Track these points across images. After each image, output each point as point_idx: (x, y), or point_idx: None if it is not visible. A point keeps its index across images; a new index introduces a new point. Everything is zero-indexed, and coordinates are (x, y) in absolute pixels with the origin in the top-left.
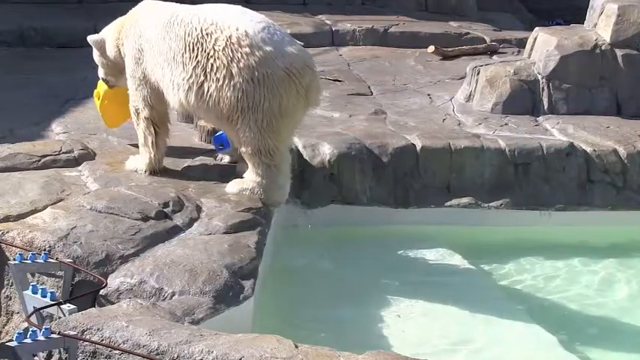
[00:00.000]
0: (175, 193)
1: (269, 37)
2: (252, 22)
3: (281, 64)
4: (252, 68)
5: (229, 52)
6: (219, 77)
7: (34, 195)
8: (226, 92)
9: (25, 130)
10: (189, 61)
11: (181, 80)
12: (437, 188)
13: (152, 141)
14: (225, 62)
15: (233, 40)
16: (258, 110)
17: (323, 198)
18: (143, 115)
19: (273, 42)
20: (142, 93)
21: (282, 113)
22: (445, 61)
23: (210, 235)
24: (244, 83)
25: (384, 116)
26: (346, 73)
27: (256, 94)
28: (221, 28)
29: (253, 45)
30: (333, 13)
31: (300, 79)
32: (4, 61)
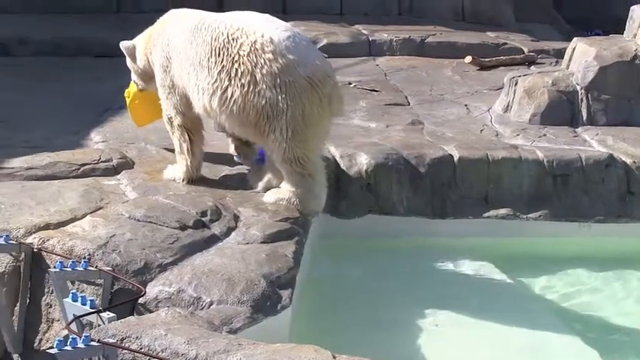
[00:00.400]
0: (213, 202)
1: (293, 45)
2: (277, 29)
3: (303, 73)
4: (274, 75)
5: (253, 58)
6: (244, 83)
7: (74, 203)
8: (250, 98)
9: (65, 139)
10: (215, 65)
11: (206, 85)
12: (474, 199)
13: (187, 148)
14: (249, 68)
15: (257, 45)
16: (281, 118)
17: (360, 208)
18: (176, 123)
19: (296, 50)
20: (172, 101)
21: (307, 122)
22: (482, 71)
23: (247, 245)
24: (267, 90)
25: (421, 127)
26: (383, 84)
27: (279, 101)
28: (247, 33)
29: (277, 52)
30: (370, 23)
31: (322, 89)
32: (42, 71)
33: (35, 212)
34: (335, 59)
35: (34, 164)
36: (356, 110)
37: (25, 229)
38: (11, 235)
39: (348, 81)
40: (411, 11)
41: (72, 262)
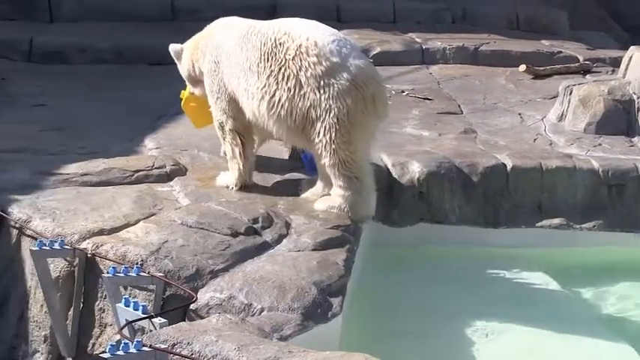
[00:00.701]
0: (265, 210)
1: (337, 49)
2: (323, 34)
3: (346, 75)
4: (318, 78)
5: (298, 61)
6: (290, 86)
7: (127, 209)
8: (296, 101)
9: (120, 145)
10: (264, 70)
11: (255, 89)
12: (527, 208)
13: (239, 152)
14: (294, 71)
15: (302, 49)
16: (325, 120)
17: (412, 216)
18: (227, 128)
19: (340, 54)
20: (221, 105)
21: (351, 123)
22: (537, 80)
23: (299, 252)
24: (311, 92)
25: (474, 135)
26: (436, 92)
27: (322, 103)
28: (292, 37)
29: (320, 55)
30: (423, 32)
31: (365, 90)
32: (100, 79)
33: (89, 218)
34: (388, 67)
35: (89, 170)
36: (408, 118)
37: (79, 235)
38: (66, 240)
39: (401, 89)
40: (464, 19)
41: (125, 268)
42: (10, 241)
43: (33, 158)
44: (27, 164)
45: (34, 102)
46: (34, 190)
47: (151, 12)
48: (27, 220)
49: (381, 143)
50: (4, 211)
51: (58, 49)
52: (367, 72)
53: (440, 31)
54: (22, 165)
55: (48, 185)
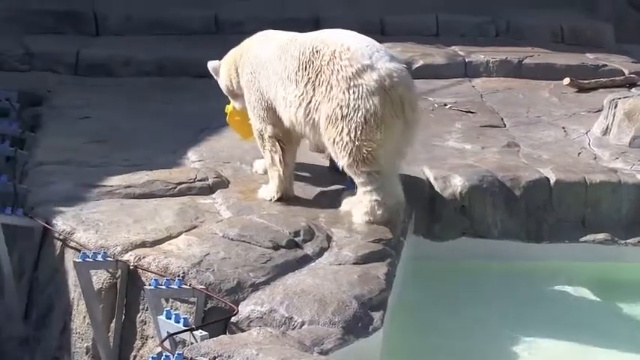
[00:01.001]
0: (306, 222)
1: (369, 53)
2: (357, 40)
3: (374, 76)
4: (347, 79)
5: (332, 65)
6: (323, 90)
7: (170, 222)
8: (326, 103)
9: (163, 157)
10: (302, 78)
11: (293, 97)
12: (571, 223)
13: (279, 158)
14: (327, 76)
15: (336, 54)
16: (352, 120)
17: (454, 230)
18: (267, 135)
19: (371, 57)
20: (259, 114)
21: (377, 123)
22: (581, 93)
23: (340, 266)
24: (340, 93)
25: (517, 149)
26: (479, 105)
27: (351, 103)
28: (328, 44)
29: (352, 58)
30: (467, 45)
31: (392, 92)
32: (144, 91)
33: (132, 230)
34: (430, 80)
35: (132, 182)
36: (451, 132)
37: (122, 247)
38: (109, 252)
39: (444, 102)
40: (508, 32)
41: (166, 280)
42: (54, 253)
43: (77, 170)
44: (71, 176)
45: (79, 114)
46: (77, 202)
47: (194, 25)
48: (71, 232)
49: (424, 156)
50: (48, 222)
51: (103, 62)
52: (397, 75)
53: (483, 44)
54: (66, 177)
55: (92, 197)
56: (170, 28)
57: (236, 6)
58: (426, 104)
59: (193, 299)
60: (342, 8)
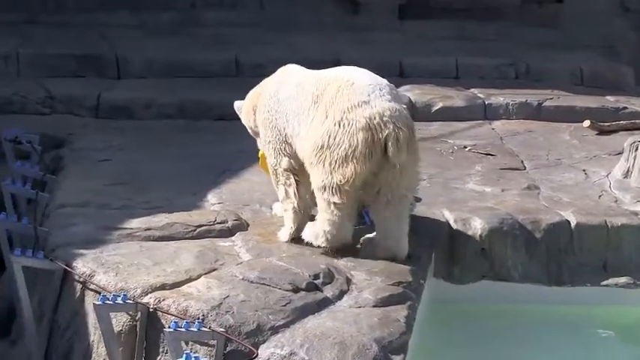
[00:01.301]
0: (326, 265)
1: (369, 90)
2: (363, 77)
3: (366, 114)
4: (341, 112)
5: (334, 99)
6: (322, 120)
7: (189, 264)
8: (318, 129)
9: (183, 200)
10: (313, 112)
11: (305, 133)
12: (592, 266)
13: (294, 191)
14: (328, 107)
15: (340, 88)
16: (334, 152)
17: (474, 273)
18: (282, 169)
19: (370, 94)
20: (275, 147)
21: (356, 159)
22: (601, 136)
23: (360, 308)
24: (331, 124)
25: (538, 191)
26: (499, 147)
27: (337, 136)
28: (337, 79)
29: (351, 93)
30: (486, 87)
31: (378, 132)
32: (165, 134)
33: (152, 272)
34: (450, 123)
35: (152, 225)
36: (471, 174)
37: (141, 289)
38: (128, 294)
39: (464, 145)
40: (527, 75)
41: (186, 323)
42: (74, 295)
43: (97, 212)
44: (92, 218)
45: (100, 157)
46: (98, 245)
47: (215, 68)
48: (91, 275)
49: (443, 199)
50: (68, 265)
51: (125, 105)
52: (388, 115)
53: (503, 86)
54: (86, 219)
55: (112, 240)
56: (191, 70)
57: (256, 49)
58: (446, 146)
59: (213, 342)
60: (361, 50)
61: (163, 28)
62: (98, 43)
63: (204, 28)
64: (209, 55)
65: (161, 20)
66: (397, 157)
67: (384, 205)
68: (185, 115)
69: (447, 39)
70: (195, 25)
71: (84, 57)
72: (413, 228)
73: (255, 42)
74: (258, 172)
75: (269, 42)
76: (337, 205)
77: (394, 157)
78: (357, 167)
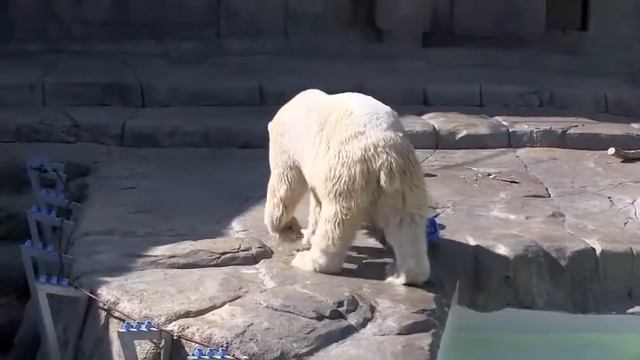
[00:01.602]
0: (350, 293)
1: (366, 120)
2: (363, 106)
3: (361, 145)
4: (340, 143)
5: (335, 128)
6: (325, 151)
7: (213, 291)
8: (322, 162)
9: (207, 227)
10: (319, 139)
11: (311, 158)
12: (618, 294)
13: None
14: (330, 137)
15: (340, 118)
16: (336, 185)
17: (498, 301)
18: (279, 195)
19: (366, 125)
20: (280, 171)
21: (355, 191)
22: (626, 163)
23: (383, 336)
24: (332, 156)
25: (562, 219)
26: (523, 175)
27: (337, 168)
28: (339, 107)
29: (349, 123)
30: (510, 115)
31: (372, 162)
32: (189, 162)
33: (176, 300)
34: (474, 151)
35: (176, 253)
36: (495, 202)
37: (166, 317)
38: (153, 322)
39: (488, 172)
40: (551, 102)
41: (210, 351)
42: (98, 323)
43: (122, 240)
44: (116, 246)
45: (125, 185)
46: (122, 272)
47: (239, 96)
48: (115, 302)
49: (468, 226)
50: (93, 292)
51: (149, 133)
52: (383, 145)
53: (527, 114)
54: (111, 247)
55: (136, 267)
56: (215, 99)
57: (280, 77)
58: (470, 174)
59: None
60: (385, 78)
61: (188, 56)
62: (123, 71)
63: (229, 56)
64: (233, 83)
65: (185, 49)
66: (390, 185)
67: (395, 229)
68: (209, 143)
69: (471, 66)
70: (220, 54)
71: (109, 85)
72: (437, 255)
73: (279, 70)
74: None
75: (293, 70)
76: (335, 239)
77: (387, 185)
78: (357, 199)
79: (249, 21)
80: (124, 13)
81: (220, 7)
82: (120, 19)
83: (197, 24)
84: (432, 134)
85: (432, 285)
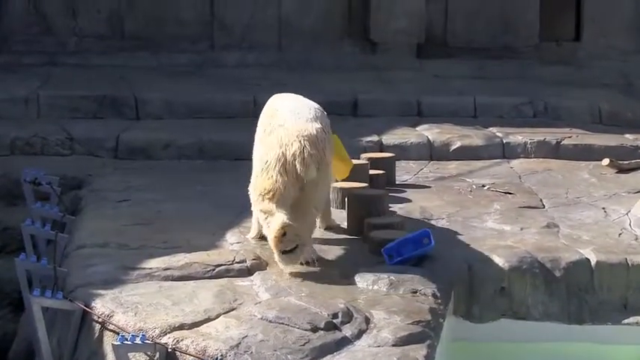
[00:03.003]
0: (344, 304)
1: (286, 112)
2: (289, 103)
3: (278, 135)
4: (266, 135)
5: (264, 126)
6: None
7: (208, 304)
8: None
9: (202, 240)
10: (259, 137)
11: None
12: (613, 305)
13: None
14: (262, 134)
15: (270, 113)
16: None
17: (493, 312)
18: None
19: (284, 116)
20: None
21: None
22: (621, 174)
23: (379, 348)
24: (260, 146)
25: (557, 230)
26: (517, 186)
27: (263, 157)
28: (269, 106)
29: (273, 117)
30: (504, 126)
31: (286, 150)
32: (183, 174)
33: (170, 312)
34: (469, 162)
35: (171, 265)
36: (490, 213)
37: (160, 329)
38: (147, 334)
39: (482, 183)
40: (546, 113)
41: None
42: (92, 336)
43: (116, 253)
44: (110, 259)
45: (119, 197)
46: (116, 285)
47: (233, 109)
48: (109, 315)
49: (462, 237)
50: (87, 305)
51: (143, 146)
52: (296, 135)
53: (521, 125)
54: (105, 259)
55: (130, 280)
56: (209, 111)
57: (274, 89)
58: (464, 185)
59: None
60: (379, 90)
61: (182, 69)
62: (117, 84)
63: (223, 69)
64: (227, 96)
65: (180, 62)
66: (304, 173)
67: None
68: (203, 156)
69: (465, 78)
70: (214, 67)
71: (103, 98)
72: (432, 266)
73: (273, 83)
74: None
75: (287, 83)
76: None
77: (301, 173)
78: (273, 180)
79: (243, 34)
80: (119, 26)
81: (214, 20)
82: (115, 33)
83: (191, 37)
84: (426, 146)
85: (427, 296)
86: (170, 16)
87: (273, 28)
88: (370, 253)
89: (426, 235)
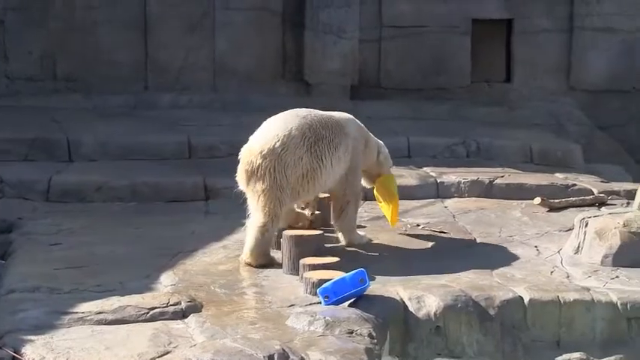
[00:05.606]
0: (280, 346)
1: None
2: (270, 121)
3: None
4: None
5: None
6: None
7: (142, 347)
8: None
9: (136, 282)
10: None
11: None
12: (546, 342)
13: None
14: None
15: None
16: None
17: (429, 351)
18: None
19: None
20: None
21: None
22: (552, 212)
23: None
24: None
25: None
26: (451, 225)
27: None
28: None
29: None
30: (438, 166)
31: (242, 164)
32: (117, 217)
33: (104, 357)
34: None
35: (103, 309)
36: (425, 252)
37: None
38: None
39: (417, 223)
40: (478, 153)
41: None
42: None
43: (48, 297)
44: (42, 303)
45: (51, 241)
46: (48, 330)
47: (168, 150)
48: None
49: (397, 277)
50: (17, 352)
51: (75, 189)
52: (242, 150)
53: (455, 165)
54: (36, 304)
55: (62, 324)
56: (143, 153)
57: (209, 130)
58: (400, 225)
59: None
60: None
61: (116, 110)
62: (49, 126)
63: (157, 110)
64: (162, 137)
65: (113, 103)
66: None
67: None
68: (137, 198)
69: (399, 119)
70: (148, 108)
71: (35, 140)
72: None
73: (208, 124)
74: (210, 254)
75: (222, 124)
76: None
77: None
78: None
79: (178, 75)
80: (51, 67)
81: (148, 61)
82: (46, 74)
83: (125, 78)
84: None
85: (363, 336)
86: (103, 57)
87: (208, 69)
88: (306, 293)
89: (361, 276)
